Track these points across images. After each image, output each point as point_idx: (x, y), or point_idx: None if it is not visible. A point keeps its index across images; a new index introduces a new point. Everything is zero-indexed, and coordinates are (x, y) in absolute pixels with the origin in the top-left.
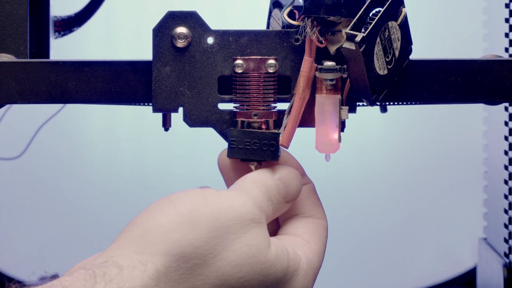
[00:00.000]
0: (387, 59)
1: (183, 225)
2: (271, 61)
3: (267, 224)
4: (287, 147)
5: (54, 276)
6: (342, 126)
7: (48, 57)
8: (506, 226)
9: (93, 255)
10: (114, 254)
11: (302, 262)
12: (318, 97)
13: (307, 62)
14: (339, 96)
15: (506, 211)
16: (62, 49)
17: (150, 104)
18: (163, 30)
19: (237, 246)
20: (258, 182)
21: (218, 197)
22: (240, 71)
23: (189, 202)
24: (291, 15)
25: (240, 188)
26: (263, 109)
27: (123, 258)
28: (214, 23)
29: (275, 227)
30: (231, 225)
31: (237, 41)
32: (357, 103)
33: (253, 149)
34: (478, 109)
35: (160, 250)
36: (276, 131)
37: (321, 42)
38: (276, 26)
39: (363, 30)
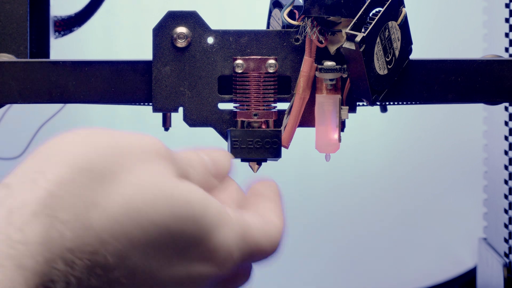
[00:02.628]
0: (387, 59)
1: (78, 141)
2: (271, 61)
3: None
4: (287, 147)
5: None
6: (342, 126)
7: (48, 57)
8: (506, 226)
9: None
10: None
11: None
12: (318, 97)
13: (307, 62)
14: (339, 96)
15: (506, 211)
16: (62, 49)
17: (150, 104)
18: (163, 30)
19: (138, 169)
20: (181, 154)
21: (127, 132)
22: (240, 71)
23: (90, 128)
24: (291, 15)
25: None
26: (263, 109)
27: (13, 178)
28: (214, 23)
29: None
30: (132, 149)
31: (237, 41)
32: (357, 103)
33: (256, 148)
34: (478, 109)
35: (53, 162)
36: (277, 128)
37: (321, 42)
38: (276, 26)
39: (363, 30)
